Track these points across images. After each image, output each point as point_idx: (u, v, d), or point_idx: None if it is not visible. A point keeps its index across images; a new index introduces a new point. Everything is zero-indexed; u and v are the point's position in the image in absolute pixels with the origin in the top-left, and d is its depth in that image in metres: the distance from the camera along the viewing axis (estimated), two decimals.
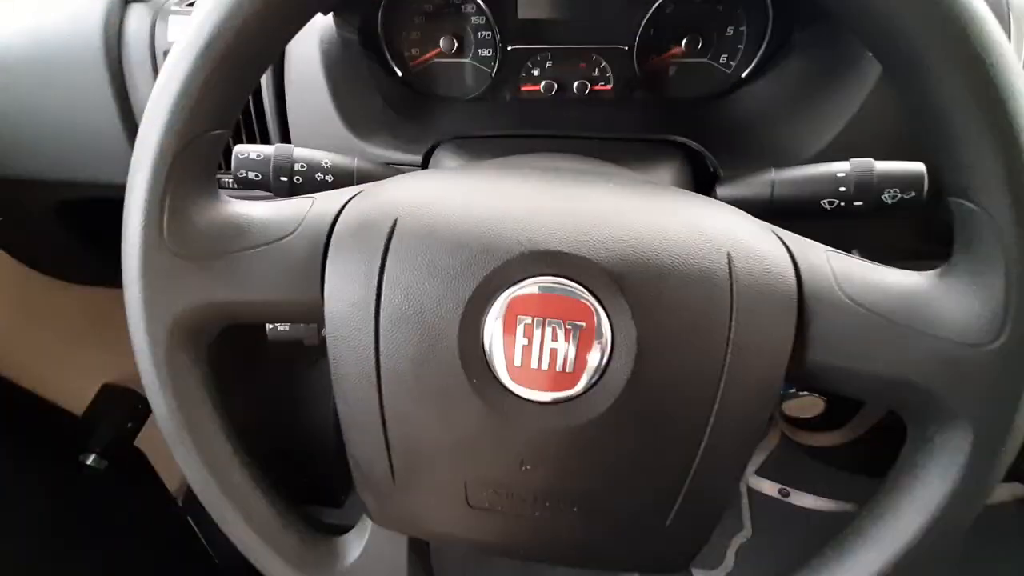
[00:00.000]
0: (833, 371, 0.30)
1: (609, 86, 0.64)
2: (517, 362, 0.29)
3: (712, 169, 0.47)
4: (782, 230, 0.33)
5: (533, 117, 0.63)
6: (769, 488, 0.68)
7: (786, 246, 0.31)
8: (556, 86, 0.63)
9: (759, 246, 0.31)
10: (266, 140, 0.59)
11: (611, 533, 0.32)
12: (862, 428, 0.61)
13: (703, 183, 0.49)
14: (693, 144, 0.49)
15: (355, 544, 0.37)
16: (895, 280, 0.30)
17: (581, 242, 0.29)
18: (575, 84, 0.63)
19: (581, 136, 0.53)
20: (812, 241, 0.33)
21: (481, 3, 0.60)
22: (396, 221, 0.31)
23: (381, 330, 0.30)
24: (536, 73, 0.63)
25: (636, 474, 0.30)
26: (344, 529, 0.38)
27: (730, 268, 0.29)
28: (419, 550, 0.37)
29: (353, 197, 0.34)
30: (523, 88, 0.63)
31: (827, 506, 0.65)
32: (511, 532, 0.33)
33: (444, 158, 0.54)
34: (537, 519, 0.32)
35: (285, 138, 0.59)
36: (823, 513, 1.25)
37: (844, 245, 0.34)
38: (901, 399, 0.30)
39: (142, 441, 1.05)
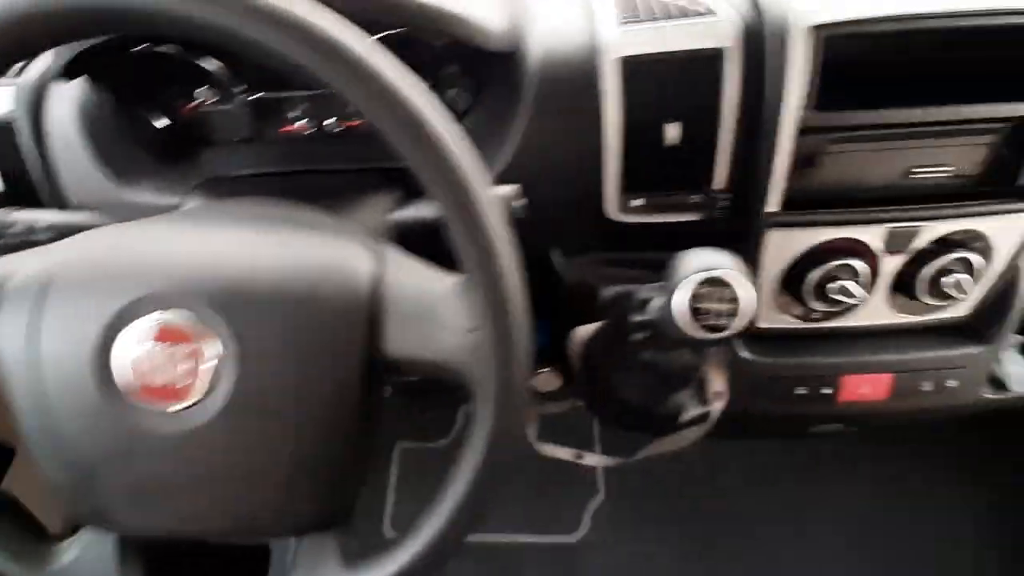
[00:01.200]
0: (405, 360, 0.41)
1: (358, 121, 0.73)
2: (145, 382, 0.38)
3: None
4: (388, 245, 0.43)
5: (294, 155, 0.71)
6: (565, 453, 0.79)
7: (377, 256, 0.42)
8: (314, 124, 0.72)
9: (342, 264, 0.41)
10: (38, 203, 0.65)
11: (259, 507, 0.42)
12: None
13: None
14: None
15: (72, 545, 0.45)
16: (436, 282, 0.41)
17: (195, 279, 0.39)
18: (328, 122, 0.72)
19: (312, 170, 0.63)
20: (395, 252, 0.43)
21: (216, 59, 0.67)
22: (50, 276, 0.39)
23: (31, 370, 0.38)
24: (293, 114, 0.71)
25: (258, 459, 0.40)
26: None
27: (315, 287, 0.39)
28: (135, 548, 0.45)
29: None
30: (282, 130, 0.71)
31: (613, 462, 0.77)
32: (181, 518, 0.42)
33: (193, 200, 0.62)
34: (195, 505, 0.41)
35: (58, 199, 0.65)
36: (659, 474, 1.42)
37: None
38: (452, 379, 0.41)
39: None
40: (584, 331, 0.67)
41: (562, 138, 0.62)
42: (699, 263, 0.44)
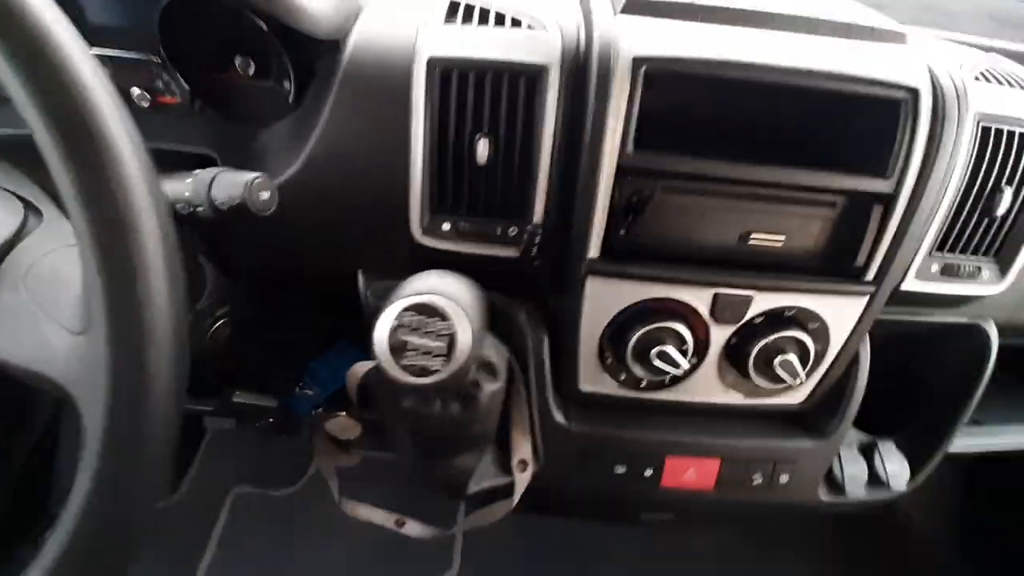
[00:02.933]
0: None
1: (175, 99, 0.64)
2: None
3: None
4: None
5: None
6: (382, 518, 0.67)
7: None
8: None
9: None
10: None
11: None
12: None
13: None
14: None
15: None
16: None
17: None
18: (137, 93, 0.62)
19: None
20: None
21: None
22: None
23: None
24: None
25: None
26: None
27: None
28: None
29: None
30: None
31: (430, 533, 0.66)
32: None
33: None
34: None
35: None
36: (516, 548, 1.29)
37: None
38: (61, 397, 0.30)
39: None
40: (360, 368, 0.57)
41: (365, 143, 0.54)
42: (417, 286, 0.36)
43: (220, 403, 0.76)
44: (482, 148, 0.51)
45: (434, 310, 0.34)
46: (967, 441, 0.79)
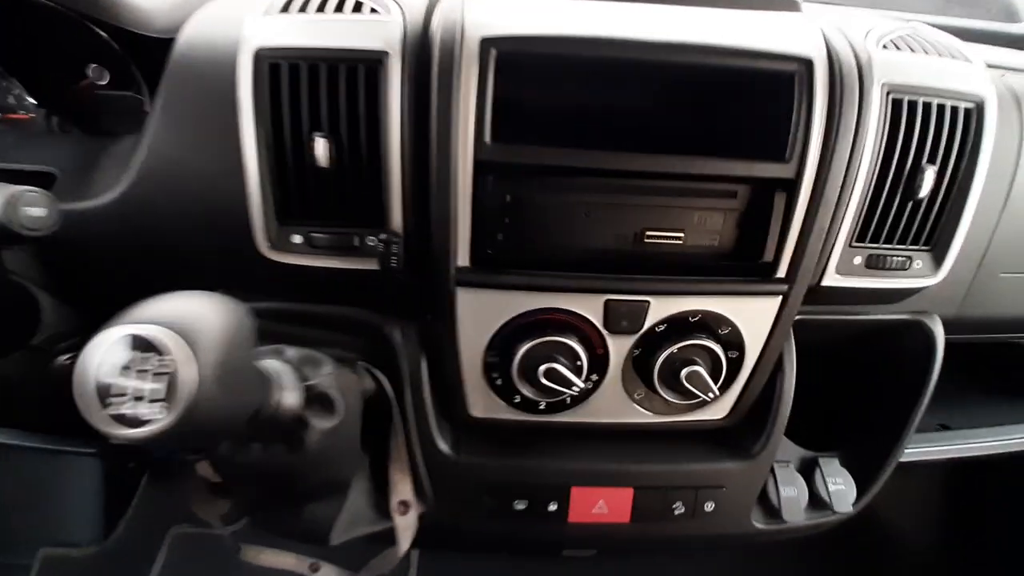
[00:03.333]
0: None
1: (27, 115, 0.59)
2: None
3: None
4: None
5: None
6: (291, 563, 0.61)
7: None
8: None
9: None
10: None
11: None
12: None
13: None
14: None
15: None
16: None
17: None
18: None
19: None
20: None
21: None
22: None
23: None
24: None
25: None
26: None
27: None
28: None
29: None
30: None
31: None
32: None
33: None
34: None
35: None
36: None
37: None
38: None
39: None
40: None
41: (195, 150, 0.48)
42: (138, 314, 0.29)
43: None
44: (321, 149, 0.45)
45: (148, 343, 0.27)
46: (931, 448, 0.72)
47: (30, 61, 0.58)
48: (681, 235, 0.50)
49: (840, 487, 0.60)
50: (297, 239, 0.49)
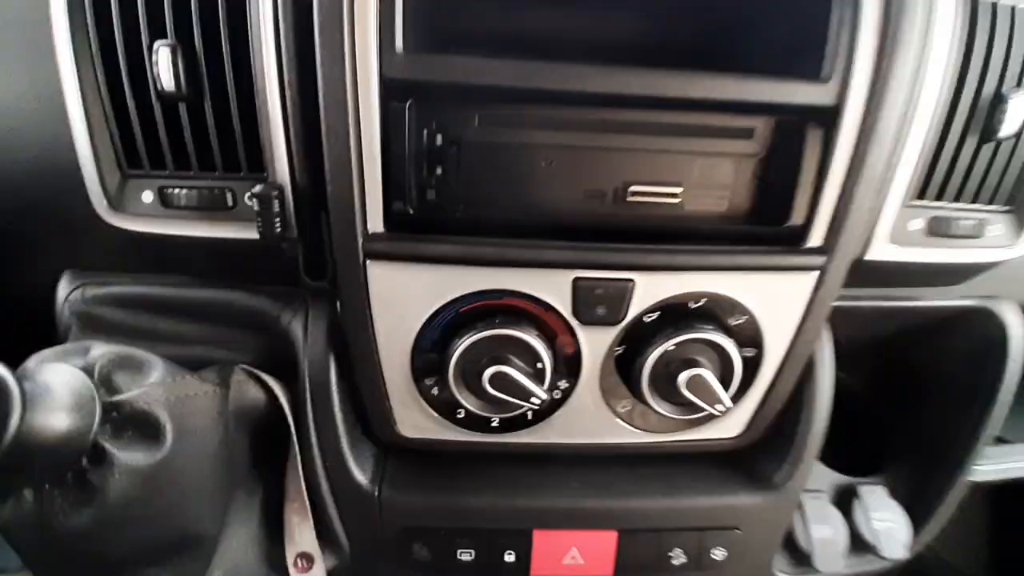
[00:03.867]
0: None
1: None
2: None
3: None
4: None
5: None
6: None
7: None
8: None
9: None
10: None
11: None
12: None
13: None
14: None
15: None
16: None
17: None
18: None
19: None
20: None
21: None
22: None
23: None
24: None
25: None
26: None
27: None
28: None
29: None
30: None
31: None
32: None
33: None
34: None
35: None
36: None
37: None
38: None
39: None
40: None
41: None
42: None
43: None
44: (165, 63, 0.33)
45: None
46: (999, 466, 0.58)
47: None
48: (678, 191, 0.37)
49: (889, 524, 0.47)
50: (148, 197, 0.36)
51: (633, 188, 0.37)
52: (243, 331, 0.40)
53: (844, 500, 0.49)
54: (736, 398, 0.41)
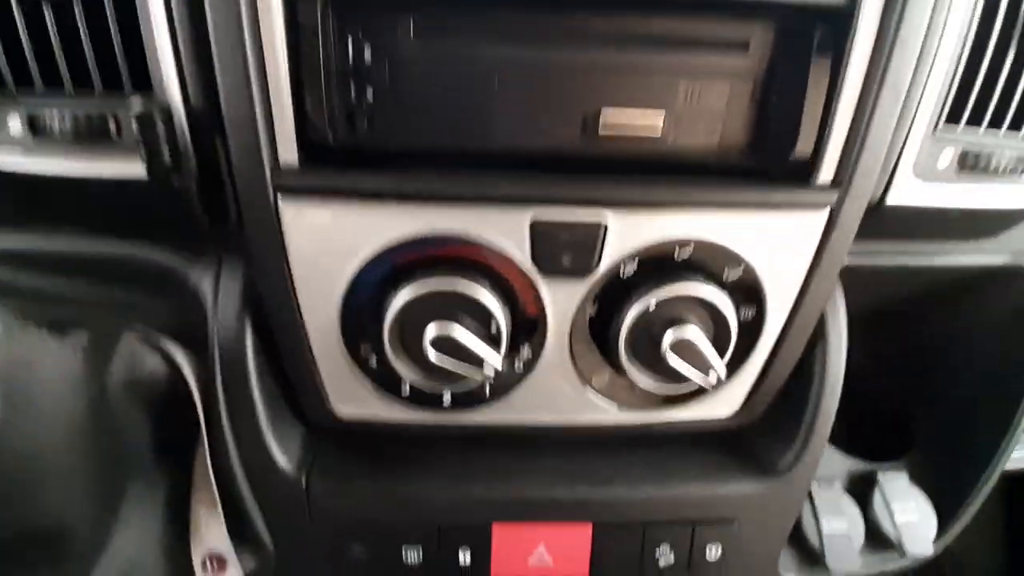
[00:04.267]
0: None
1: None
2: None
3: None
4: None
5: None
6: None
7: None
8: None
9: None
10: None
11: None
12: None
13: None
14: None
15: None
16: None
17: None
18: None
19: None
20: None
21: None
22: None
23: None
24: None
25: None
26: None
27: None
28: None
29: None
30: None
31: None
32: None
33: None
34: None
35: None
36: None
37: None
38: None
39: None
40: None
41: None
42: None
43: None
44: None
45: None
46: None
47: None
48: (660, 116, 0.31)
49: (913, 516, 0.41)
50: (14, 126, 0.31)
51: (606, 113, 0.31)
52: (145, 292, 0.34)
53: (860, 489, 0.43)
54: (732, 368, 0.35)
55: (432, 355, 0.31)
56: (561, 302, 0.33)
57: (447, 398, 0.36)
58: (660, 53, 0.31)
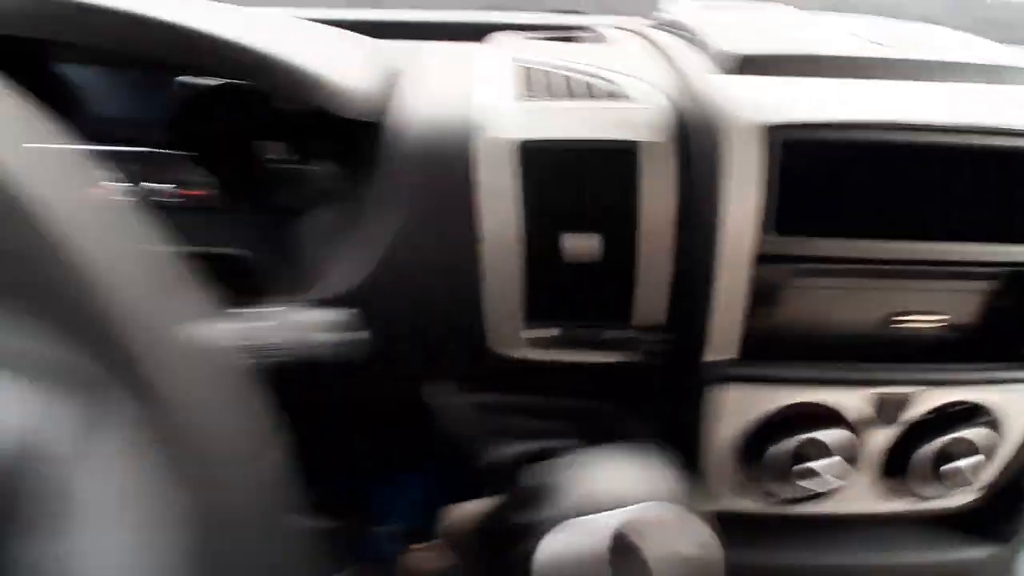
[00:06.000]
0: None
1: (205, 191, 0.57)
2: None
3: None
4: None
5: None
6: None
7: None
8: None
9: None
10: None
11: None
12: None
13: None
14: None
15: None
16: None
17: None
18: (168, 190, 0.56)
19: None
20: None
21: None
22: None
23: None
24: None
25: None
26: None
27: None
28: None
29: None
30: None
31: None
32: None
33: None
34: None
35: None
36: None
37: None
38: None
39: None
40: (467, 511, 0.47)
41: (422, 242, 0.46)
42: (607, 495, 0.26)
43: None
44: (576, 243, 0.43)
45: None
46: None
47: (215, 138, 0.56)
48: (939, 318, 0.47)
49: None
50: (530, 334, 0.47)
51: (909, 317, 0.47)
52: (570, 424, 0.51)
53: None
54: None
55: (803, 481, 0.47)
56: (876, 441, 0.48)
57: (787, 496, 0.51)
58: (943, 281, 0.46)
